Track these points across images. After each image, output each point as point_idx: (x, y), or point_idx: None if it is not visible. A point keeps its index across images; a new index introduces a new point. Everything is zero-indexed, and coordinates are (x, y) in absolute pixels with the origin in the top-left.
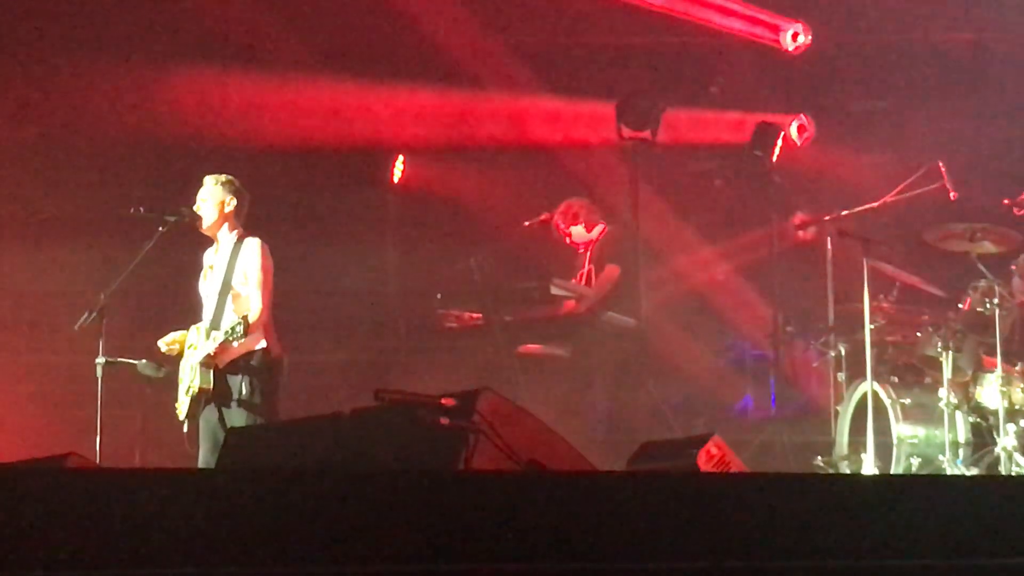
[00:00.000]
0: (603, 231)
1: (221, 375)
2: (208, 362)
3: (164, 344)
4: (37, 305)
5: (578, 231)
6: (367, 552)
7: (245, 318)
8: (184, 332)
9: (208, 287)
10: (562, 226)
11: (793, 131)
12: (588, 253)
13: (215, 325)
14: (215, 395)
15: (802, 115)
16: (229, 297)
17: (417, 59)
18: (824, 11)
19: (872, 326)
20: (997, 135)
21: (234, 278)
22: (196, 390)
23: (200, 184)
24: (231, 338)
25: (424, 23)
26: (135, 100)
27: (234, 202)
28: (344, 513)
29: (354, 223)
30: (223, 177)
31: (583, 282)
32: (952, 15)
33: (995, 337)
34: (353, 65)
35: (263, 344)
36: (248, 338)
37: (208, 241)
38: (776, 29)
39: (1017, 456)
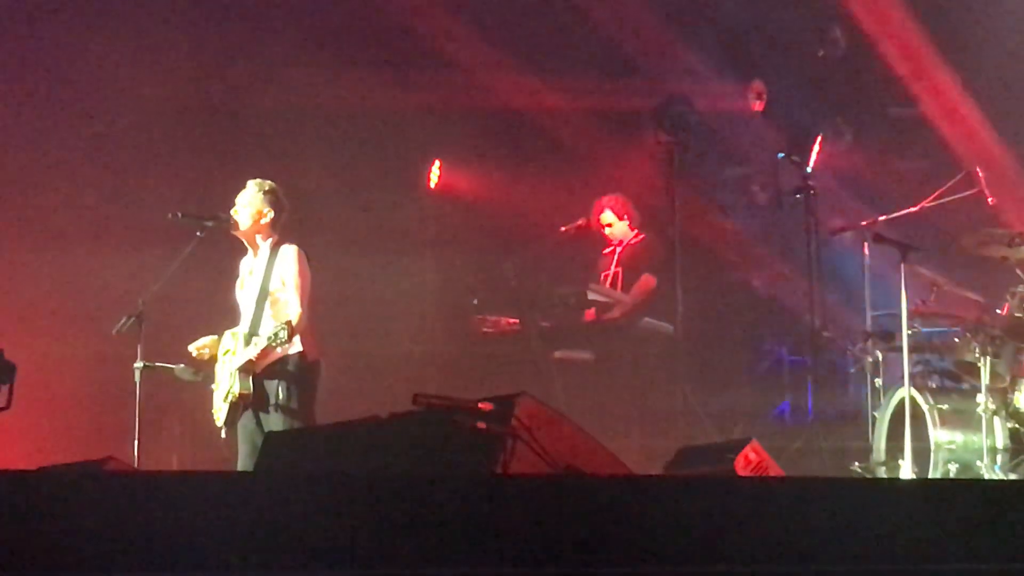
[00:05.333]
0: (639, 236)
1: (258, 380)
2: (248, 368)
3: (194, 348)
4: (76, 310)
5: (622, 228)
6: (404, 556)
7: (289, 323)
8: (214, 337)
9: (245, 294)
10: (607, 218)
11: (830, 137)
12: (618, 255)
13: (254, 331)
14: (252, 400)
15: (839, 120)
16: (267, 303)
17: (455, 65)
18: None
19: (909, 332)
20: None
21: (271, 283)
22: (236, 396)
23: (242, 187)
24: (274, 343)
25: (462, 32)
26: (174, 103)
27: (271, 214)
28: (381, 517)
29: (391, 228)
30: (267, 185)
31: (610, 283)
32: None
33: None
34: (392, 70)
35: (299, 348)
36: None
37: (244, 247)
38: None
39: None
